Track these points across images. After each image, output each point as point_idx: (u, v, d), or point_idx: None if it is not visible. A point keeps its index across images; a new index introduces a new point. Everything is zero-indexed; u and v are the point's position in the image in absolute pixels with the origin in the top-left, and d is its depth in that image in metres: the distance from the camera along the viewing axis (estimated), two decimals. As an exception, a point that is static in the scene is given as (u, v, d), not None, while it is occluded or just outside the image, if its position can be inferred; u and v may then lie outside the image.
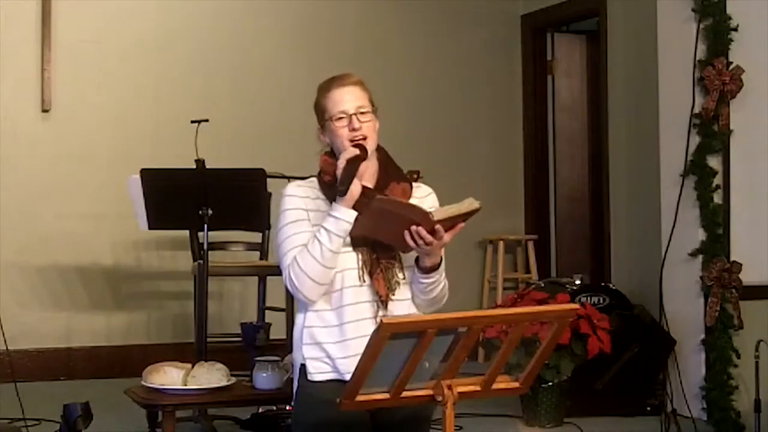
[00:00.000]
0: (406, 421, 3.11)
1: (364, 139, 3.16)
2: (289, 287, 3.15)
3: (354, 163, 3.08)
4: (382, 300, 3.13)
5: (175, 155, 5.20)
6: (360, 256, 3.14)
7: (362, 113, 3.16)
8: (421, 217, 3.02)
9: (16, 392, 4.58)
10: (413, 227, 3.02)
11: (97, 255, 6.32)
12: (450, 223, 3.06)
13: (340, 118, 3.16)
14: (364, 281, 3.14)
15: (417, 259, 3.16)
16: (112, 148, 6.34)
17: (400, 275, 3.18)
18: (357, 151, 3.11)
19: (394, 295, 3.15)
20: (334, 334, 3.14)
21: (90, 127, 6.34)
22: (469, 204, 3.06)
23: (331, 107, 3.18)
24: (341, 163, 3.09)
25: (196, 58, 6.58)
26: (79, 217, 6.29)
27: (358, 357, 3.03)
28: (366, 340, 3.03)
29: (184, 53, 6.55)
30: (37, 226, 6.21)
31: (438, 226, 3.02)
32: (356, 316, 3.13)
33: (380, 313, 3.13)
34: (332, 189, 3.17)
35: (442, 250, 3.14)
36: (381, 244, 3.16)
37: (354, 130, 3.15)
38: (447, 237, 3.06)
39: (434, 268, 3.14)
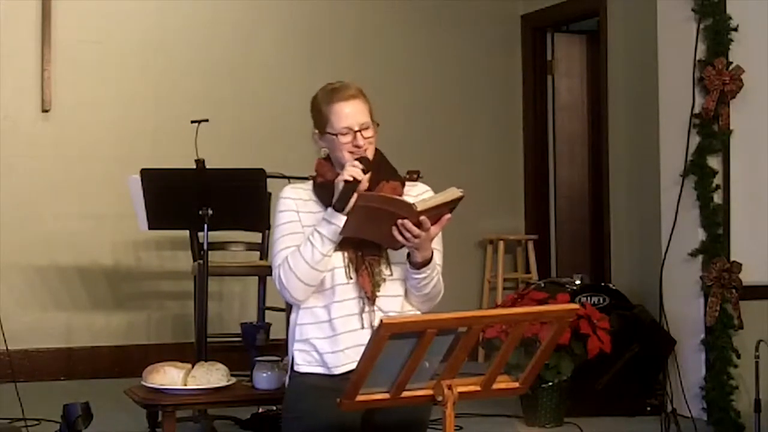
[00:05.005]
0: (400, 424, 3.11)
1: (365, 152, 3.20)
2: (277, 285, 3.21)
3: (352, 185, 3.11)
4: (367, 296, 3.16)
5: (175, 155, 5.21)
6: (346, 254, 3.18)
7: (365, 129, 3.20)
8: (405, 209, 3.03)
9: (16, 392, 4.58)
10: (399, 221, 3.03)
11: (97, 255, 6.32)
12: (435, 212, 3.06)
13: (345, 133, 3.18)
14: (351, 278, 3.18)
15: (409, 255, 3.17)
16: (112, 148, 6.34)
17: (387, 271, 3.20)
18: (357, 172, 3.12)
19: (379, 291, 3.18)
20: (324, 330, 3.18)
21: (90, 127, 6.34)
22: (452, 193, 3.06)
23: (335, 121, 3.19)
24: (339, 183, 3.13)
25: (196, 58, 6.58)
26: (79, 217, 6.29)
27: (347, 352, 3.11)
28: (355, 335, 3.13)
29: (184, 53, 6.55)
30: (37, 226, 6.21)
31: (423, 218, 3.03)
32: (344, 312, 3.16)
33: (367, 308, 3.16)
34: (324, 191, 3.22)
35: (434, 243, 3.15)
36: (368, 241, 3.17)
37: (357, 146, 3.18)
38: (434, 229, 3.08)
39: (425, 263, 3.16)
